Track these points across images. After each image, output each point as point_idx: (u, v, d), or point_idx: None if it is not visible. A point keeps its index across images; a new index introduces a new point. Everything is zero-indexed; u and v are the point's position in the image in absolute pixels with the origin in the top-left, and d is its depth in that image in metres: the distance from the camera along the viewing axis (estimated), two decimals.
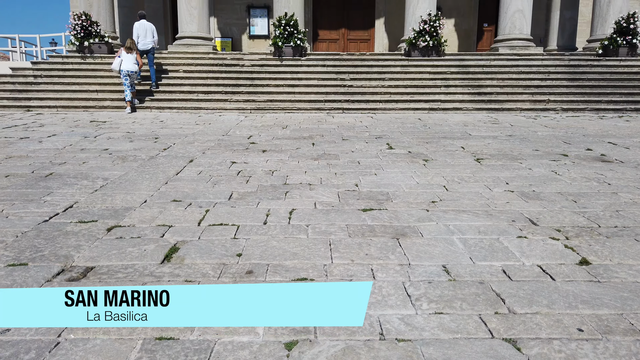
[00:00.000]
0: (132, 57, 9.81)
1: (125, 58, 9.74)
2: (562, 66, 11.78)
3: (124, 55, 9.78)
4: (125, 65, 9.69)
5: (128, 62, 9.73)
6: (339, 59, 12.12)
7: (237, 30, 16.63)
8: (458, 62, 11.91)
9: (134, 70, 9.80)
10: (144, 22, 10.78)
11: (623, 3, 12.29)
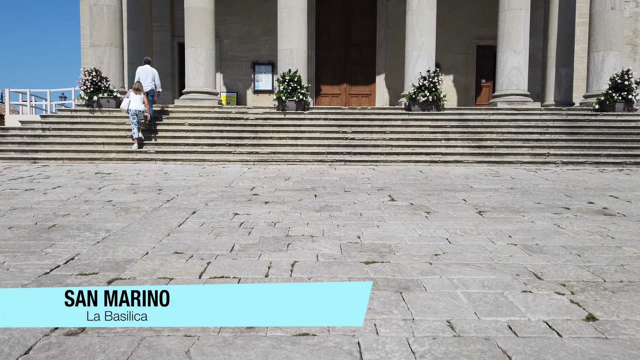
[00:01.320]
0: (139, 98, 10.83)
1: (133, 99, 10.78)
2: (560, 120, 12.02)
3: (132, 96, 10.82)
4: (133, 105, 10.71)
5: (136, 102, 10.75)
6: (341, 112, 12.40)
7: (242, 85, 17.13)
8: (458, 116, 12.16)
9: (141, 110, 10.78)
10: (147, 67, 11.71)
11: (616, 60, 12.68)
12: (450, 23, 16.60)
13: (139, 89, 10.92)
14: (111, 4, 12.65)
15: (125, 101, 10.87)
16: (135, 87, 10.94)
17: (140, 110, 10.74)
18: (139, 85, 11.02)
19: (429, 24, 12.60)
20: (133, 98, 10.77)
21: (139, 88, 10.94)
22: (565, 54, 14.81)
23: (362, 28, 17.24)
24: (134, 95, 10.80)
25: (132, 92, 10.88)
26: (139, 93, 10.87)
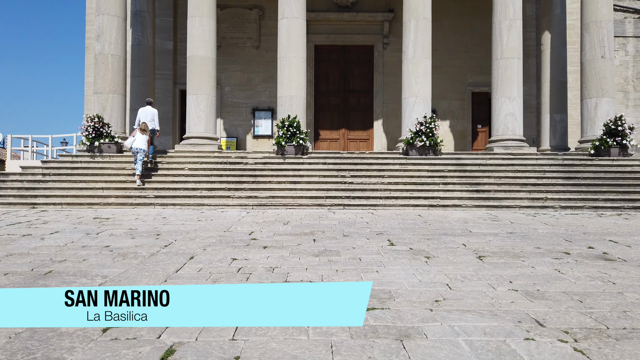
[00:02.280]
0: (144, 138, 11.37)
1: (138, 138, 11.35)
2: (556, 165, 12.14)
3: (138, 135, 11.40)
4: (137, 143, 11.26)
5: (140, 141, 11.30)
6: (340, 157, 12.53)
7: (242, 130, 17.38)
8: (455, 161, 12.28)
9: (144, 149, 11.27)
10: (149, 107, 12.32)
11: (609, 107, 12.96)
12: (445, 71, 17.07)
13: (145, 130, 11.50)
14: (116, 54, 13.02)
15: (130, 139, 11.45)
16: (142, 127, 11.54)
17: (142, 149, 11.27)
18: (145, 126, 11.60)
19: (425, 72, 12.95)
20: (138, 137, 11.35)
21: (145, 129, 11.51)
22: (558, 100, 15.14)
23: (359, 76, 17.70)
24: (139, 135, 11.38)
25: (139, 131, 11.47)
26: (145, 133, 11.44)
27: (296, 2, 12.88)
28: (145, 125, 11.59)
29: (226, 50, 17.10)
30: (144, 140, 11.33)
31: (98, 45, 13.01)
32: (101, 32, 12.93)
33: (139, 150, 11.20)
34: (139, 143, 11.26)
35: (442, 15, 16.65)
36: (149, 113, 12.23)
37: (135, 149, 11.22)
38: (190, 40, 12.96)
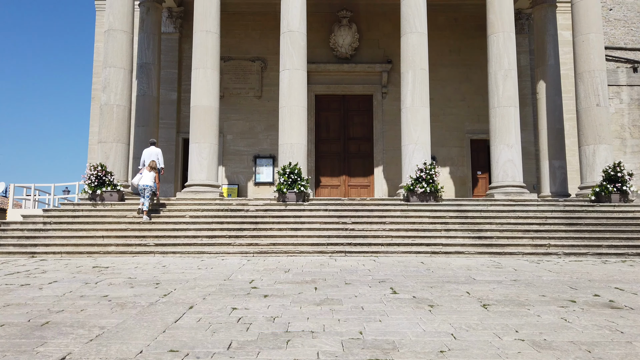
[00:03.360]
0: (151, 175, 11.88)
1: (145, 175, 11.85)
2: (558, 211, 12.12)
3: (145, 172, 11.92)
4: (143, 180, 11.73)
5: (147, 178, 11.78)
6: (341, 203, 12.55)
7: (243, 177, 17.51)
8: (456, 207, 12.29)
9: (150, 185, 11.72)
10: (153, 147, 12.85)
11: (607, 153, 13.09)
12: (443, 119, 17.39)
13: (153, 167, 12.06)
14: (121, 104, 13.32)
15: (137, 177, 11.97)
16: (150, 165, 12.09)
17: (149, 185, 11.69)
18: (153, 163, 12.15)
19: (423, 120, 13.18)
20: (145, 174, 11.84)
21: (153, 166, 12.07)
22: (556, 147, 15.32)
23: (359, 124, 18.02)
24: (146, 172, 11.90)
25: (146, 169, 12.00)
26: (152, 171, 11.99)
27: (297, 55, 13.30)
28: (153, 163, 12.15)
29: (229, 100, 17.50)
30: (151, 177, 11.81)
31: (104, 96, 13.33)
32: (107, 83, 13.29)
33: (146, 187, 11.62)
34: (146, 180, 11.72)
35: (439, 66, 17.16)
36: (153, 153, 12.71)
37: (142, 186, 11.64)
38: (194, 91, 13.29)
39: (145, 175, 11.85)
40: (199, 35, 13.34)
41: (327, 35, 17.69)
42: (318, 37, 17.39)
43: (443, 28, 17.73)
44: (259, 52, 17.77)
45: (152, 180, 11.83)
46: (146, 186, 11.64)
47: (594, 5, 13.39)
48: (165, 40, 17.24)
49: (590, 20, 13.34)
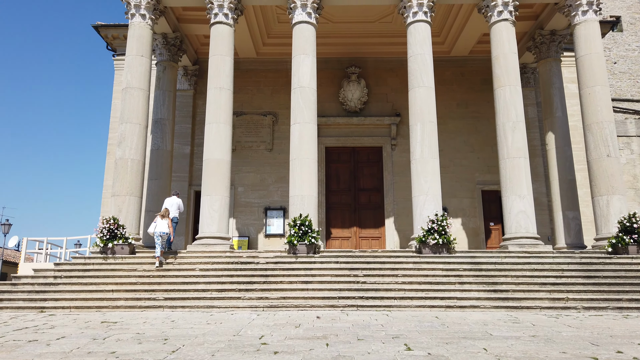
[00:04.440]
0: (165, 222, 12.39)
1: (159, 223, 12.35)
2: (574, 264, 11.85)
3: (159, 220, 12.42)
4: (158, 228, 12.24)
5: (161, 225, 12.31)
6: (352, 255, 12.40)
7: (254, 229, 17.49)
8: (470, 259, 12.08)
9: (166, 232, 12.26)
10: (174, 197, 13.69)
11: (621, 204, 12.91)
12: (453, 170, 17.45)
13: (164, 215, 12.53)
14: (135, 158, 13.60)
15: (152, 225, 12.47)
16: (162, 213, 12.61)
17: (165, 232, 12.25)
18: (166, 211, 12.68)
19: (433, 171, 13.22)
20: (159, 222, 12.37)
21: (165, 214, 12.56)
22: (569, 198, 15.17)
23: (369, 175, 18.12)
24: (160, 220, 12.41)
25: (159, 217, 12.51)
26: (165, 218, 12.47)
27: (308, 109, 13.62)
28: (166, 212, 12.69)
29: (241, 153, 17.80)
30: (164, 224, 12.36)
31: (119, 150, 13.64)
32: (123, 138, 13.63)
33: (161, 234, 12.16)
34: (161, 227, 12.28)
35: (447, 118, 17.44)
36: (174, 203, 13.47)
37: (157, 232, 12.19)
38: (207, 144, 13.57)
39: (160, 222, 12.38)
40: (212, 92, 13.78)
41: (336, 90, 18.17)
42: (328, 92, 17.87)
43: (450, 82, 18.15)
44: (271, 107, 18.24)
45: (167, 227, 12.34)
46: (162, 233, 12.18)
47: (598, 59, 13.66)
48: (180, 97, 17.81)
49: (595, 74, 13.57)
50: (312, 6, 14.00)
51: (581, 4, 13.81)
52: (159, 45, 16.15)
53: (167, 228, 12.36)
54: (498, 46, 13.92)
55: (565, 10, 14.31)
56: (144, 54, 14.08)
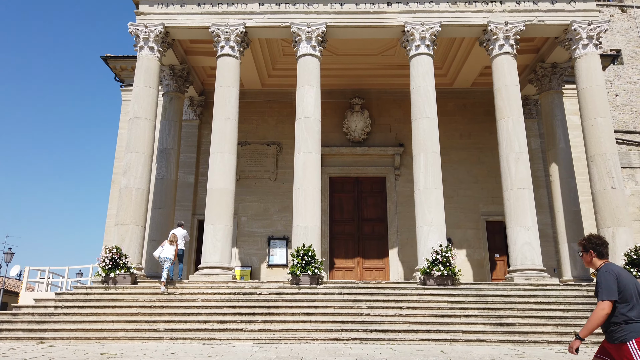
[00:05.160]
0: (172, 248, 12.59)
1: (166, 248, 12.57)
2: (582, 297, 11.68)
3: (166, 246, 12.64)
4: (165, 253, 12.47)
5: (167, 251, 12.51)
6: (355, 287, 12.26)
7: (256, 259, 17.37)
8: (475, 292, 11.92)
9: (171, 258, 12.42)
10: (179, 229, 13.51)
11: (627, 236, 12.77)
12: (457, 200, 17.40)
13: (173, 241, 12.73)
14: (140, 187, 13.65)
15: (159, 249, 12.67)
16: (170, 239, 12.78)
17: (170, 257, 12.43)
18: (174, 237, 12.83)
19: (437, 202, 13.19)
20: (166, 247, 12.60)
21: (173, 240, 12.74)
22: (574, 229, 15.03)
23: (373, 205, 18.09)
24: (167, 245, 12.64)
25: (167, 242, 12.72)
26: (172, 244, 12.68)
27: (312, 139, 13.73)
28: (173, 237, 12.82)
29: (244, 182, 17.86)
30: (171, 250, 12.55)
31: (124, 179, 13.71)
32: (128, 167, 13.72)
33: (166, 259, 12.35)
34: (167, 253, 12.48)
35: (450, 149, 17.52)
36: (180, 235, 13.39)
37: (163, 257, 12.40)
38: (211, 173, 13.64)
39: (167, 248, 12.57)
40: (217, 122, 13.94)
41: (340, 120, 18.34)
42: (332, 123, 18.04)
43: (453, 113, 18.31)
44: (275, 136, 18.39)
45: (173, 252, 12.52)
46: (166, 258, 12.36)
47: (599, 91, 13.78)
48: (185, 127, 18.01)
49: (597, 106, 13.65)
50: (316, 39, 14.29)
51: (581, 38, 14.03)
52: (166, 77, 16.43)
53: (173, 254, 12.52)
54: (500, 78, 14.09)
55: (565, 44, 14.53)
56: (151, 85, 14.33)
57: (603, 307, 3.96)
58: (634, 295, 4.02)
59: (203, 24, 14.54)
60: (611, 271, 4.10)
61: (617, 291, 3.99)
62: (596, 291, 4.08)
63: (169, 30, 14.68)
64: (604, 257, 4.34)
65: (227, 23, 14.39)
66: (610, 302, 3.98)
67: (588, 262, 4.40)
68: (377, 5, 14.50)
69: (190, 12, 14.63)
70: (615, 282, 4.03)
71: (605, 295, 3.98)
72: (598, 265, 4.30)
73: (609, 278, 4.06)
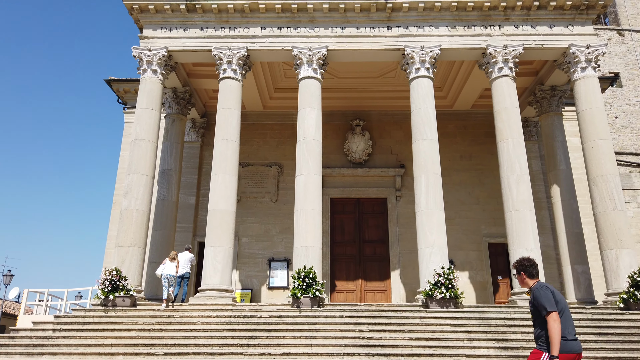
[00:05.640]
0: (172, 265, 12.69)
1: (168, 265, 12.67)
2: (586, 320, 11.53)
3: (168, 263, 12.74)
4: (167, 270, 12.57)
5: (169, 268, 12.62)
6: (357, 309, 12.12)
7: (257, 282, 17.23)
8: (478, 314, 11.78)
9: (173, 275, 12.58)
10: (187, 252, 13.61)
11: (631, 258, 12.68)
12: (459, 222, 17.34)
13: (174, 258, 12.86)
14: (141, 208, 13.63)
15: (161, 267, 12.78)
16: (171, 256, 12.91)
17: (172, 275, 12.57)
18: (174, 254, 12.99)
19: (439, 223, 13.15)
20: (168, 265, 12.70)
21: (174, 257, 12.88)
22: (577, 251, 14.92)
23: (374, 226, 18.02)
24: (169, 263, 12.75)
25: (168, 260, 12.83)
26: (174, 261, 12.78)
27: (313, 160, 13.77)
28: (175, 254, 12.99)
29: (245, 203, 17.84)
30: (173, 267, 12.66)
31: (125, 201, 13.71)
32: (130, 189, 13.74)
33: (168, 277, 12.48)
34: (169, 270, 12.60)
35: (451, 170, 17.55)
36: (187, 259, 13.51)
37: (165, 275, 12.52)
38: (212, 195, 13.64)
39: (168, 265, 12.68)
40: (219, 144, 14.00)
41: (341, 142, 18.42)
42: (332, 144, 18.12)
43: (453, 135, 18.39)
44: (276, 158, 18.45)
45: (174, 269, 12.66)
46: (169, 275, 12.49)
47: (599, 113, 13.86)
48: (187, 148, 18.09)
49: (597, 127, 13.71)
50: (317, 62, 14.47)
51: (580, 61, 14.18)
52: (168, 99, 16.59)
53: (174, 270, 12.65)
54: (500, 101, 14.19)
55: (564, 67, 14.69)
56: (154, 107, 14.45)
57: (555, 319, 4.35)
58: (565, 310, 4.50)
59: (206, 47, 14.74)
60: (547, 287, 4.61)
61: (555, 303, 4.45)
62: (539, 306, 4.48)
63: (172, 54, 14.88)
64: (535, 277, 4.86)
65: (229, 47, 14.59)
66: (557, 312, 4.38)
67: (522, 283, 4.93)
68: (377, 29, 14.72)
69: (194, 36, 14.85)
70: (552, 296, 4.49)
71: (551, 307, 4.41)
72: (531, 285, 4.81)
73: (547, 293, 4.53)
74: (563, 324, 4.38)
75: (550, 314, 4.35)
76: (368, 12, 14.65)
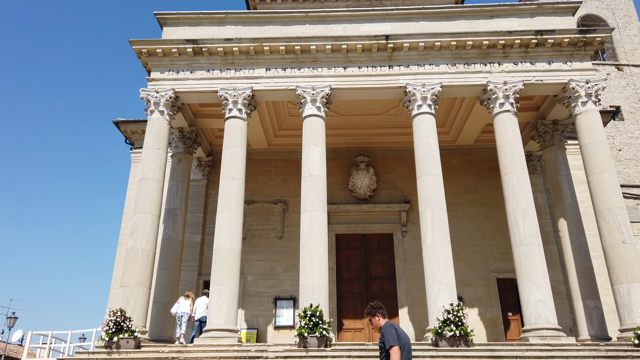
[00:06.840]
0: (187, 303, 13.19)
1: (182, 304, 13.16)
2: (600, 357, 11.22)
3: (182, 301, 13.26)
4: (181, 308, 13.10)
5: (184, 306, 13.12)
6: (365, 349, 11.86)
7: (263, 321, 16.96)
8: (489, 352, 11.49)
9: (187, 312, 13.11)
10: (204, 297, 13.97)
11: None
12: (466, 257, 17.16)
13: (188, 296, 13.33)
14: (146, 248, 13.61)
15: (175, 305, 13.28)
16: (186, 294, 13.40)
17: (187, 312, 13.04)
18: (189, 293, 13.54)
19: (446, 259, 13.02)
20: (182, 303, 13.16)
21: (188, 295, 13.38)
22: (588, 286, 14.63)
23: (380, 262, 17.85)
24: (183, 301, 13.21)
25: (183, 298, 13.32)
26: (188, 299, 13.24)
27: (317, 197, 13.80)
28: (189, 293, 13.57)
29: (251, 241, 17.78)
30: (187, 305, 13.14)
31: (131, 240, 13.70)
32: (135, 228, 13.75)
33: (183, 314, 12.98)
34: (184, 307, 13.08)
35: (457, 205, 17.51)
36: (204, 303, 13.75)
37: (180, 313, 13.01)
38: (218, 233, 13.61)
39: (182, 303, 13.11)
40: (225, 182, 14.10)
41: (345, 178, 18.50)
42: (337, 180, 18.20)
43: (457, 170, 18.46)
44: (281, 195, 18.51)
45: (189, 307, 13.08)
46: (183, 313, 12.97)
47: (602, 146, 13.90)
48: (193, 187, 18.21)
49: (601, 161, 13.72)
50: (321, 101, 14.73)
51: (580, 96, 14.35)
52: (175, 139, 16.82)
53: (189, 308, 13.12)
54: (502, 136, 14.30)
55: (565, 102, 14.85)
56: (161, 147, 14.64)
57: (395, 352, 5.51)
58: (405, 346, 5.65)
59: (212, 88, 15.06)
60: (391, 326, 5.81)
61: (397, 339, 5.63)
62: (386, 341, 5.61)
63: (179, 95, 15.20)
64: (385, 317, 6.10)
65: (235, 87, 14.91)
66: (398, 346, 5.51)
67: (376, 323, 6.08)
68: (379, 68, 15.04)
69: (200, 77, 15.21)
70: (396, 333, 5.67)
71: (393, 342, 5.57)
72: (382, 324, 5.98)
73: (391, 331, 5.69)
74: (403, 356, 5.52)
75: (392, 347, 5.51)
76: (370, 52, 15.01)
